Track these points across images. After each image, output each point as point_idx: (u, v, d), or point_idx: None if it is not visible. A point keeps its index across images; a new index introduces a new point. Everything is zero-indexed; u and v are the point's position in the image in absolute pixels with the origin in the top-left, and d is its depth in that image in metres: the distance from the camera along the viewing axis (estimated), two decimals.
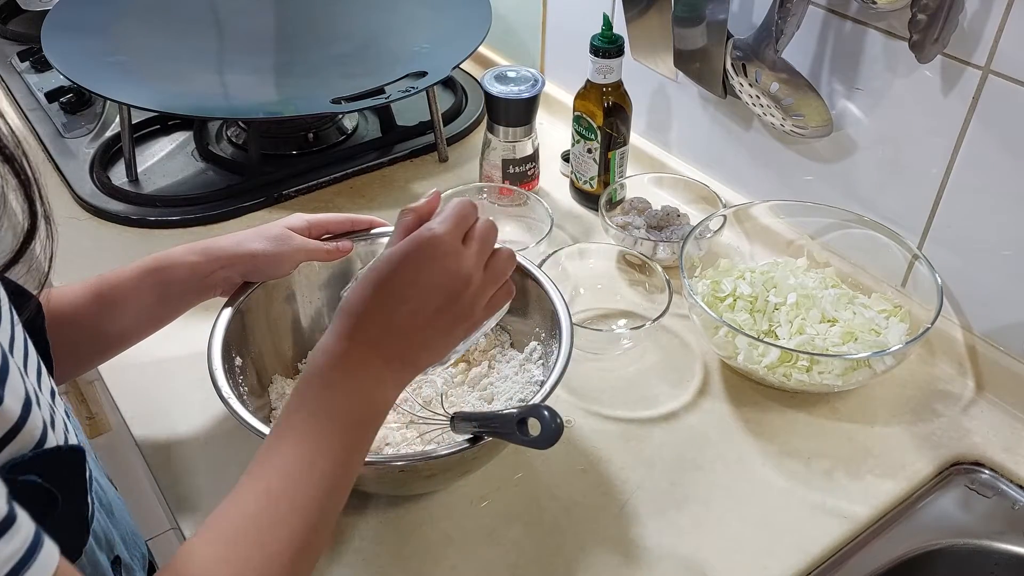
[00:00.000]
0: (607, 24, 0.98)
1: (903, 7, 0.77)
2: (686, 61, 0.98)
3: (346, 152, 1.18)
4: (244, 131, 1.17)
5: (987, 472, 0.79)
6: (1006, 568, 0.74)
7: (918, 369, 0.88)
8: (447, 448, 0.66)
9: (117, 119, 1.20)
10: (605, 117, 1.01)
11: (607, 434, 0.81)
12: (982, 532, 0.75)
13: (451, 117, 1.26)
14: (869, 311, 0.87)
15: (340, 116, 1.22)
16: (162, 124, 1.23)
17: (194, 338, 0.75)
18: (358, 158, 1.17)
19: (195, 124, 1.21)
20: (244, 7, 1.28)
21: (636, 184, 1.07)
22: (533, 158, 1.09)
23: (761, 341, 0.81)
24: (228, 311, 0.76)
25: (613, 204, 1.05)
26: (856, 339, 0.84)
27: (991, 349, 0.85)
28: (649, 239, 0.98)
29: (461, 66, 1.12)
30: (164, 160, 1.17)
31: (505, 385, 0.80)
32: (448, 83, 1.32)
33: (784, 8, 0.82)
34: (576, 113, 1.04)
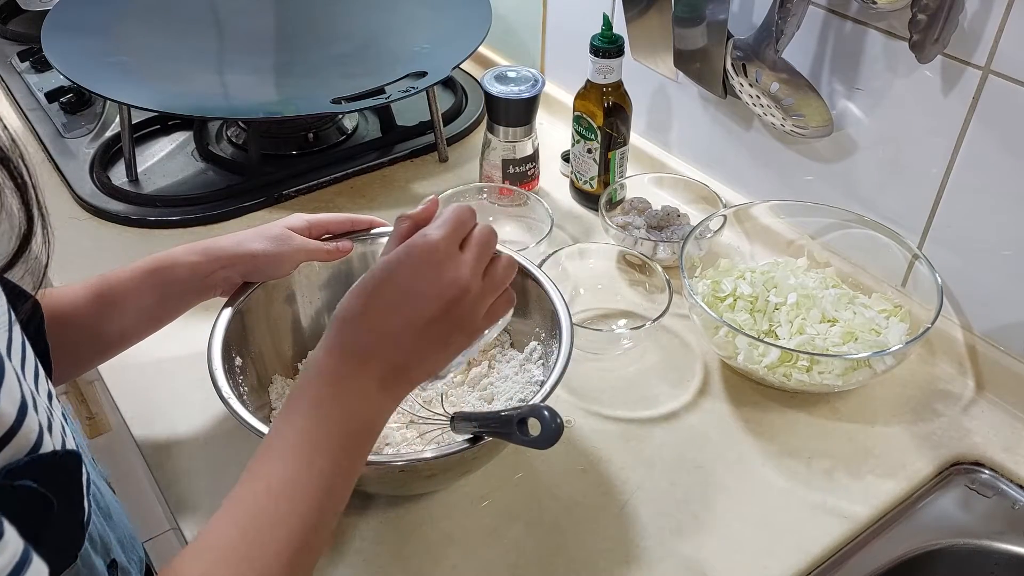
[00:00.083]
0: (607, 24, 0.98)
1: (903, 7, 0.77)
2: (686, 61, 0.98)
3: (346, 152, 1.18)
4: (244, 131, 1.17)
5: (987, 472, 0.79)
6: (1006, 568, 0.74)
7: (918, 369, 0.88)
8: (447, 448, 0.66)
9: (117, 119, 1.20)
10: (605, 117, 1.01)
11: (607, 434, 0.81)
12: (982, 532, 0.75)
13: (451, 117, 1.26)
14: (869, 311, 0.87)
15: (340, 116, 1.22)
16: (162, 124, 1.23)
17: (194, 338, 0.75)
18: (358, 158, 1.17)
19: (195, 124, 1.21)
20: (244, 7, 1.28)
21: (636, 184, 1.07)
22: (533, 158, 1.09)
23: (761, 341, 0.81)
24: (228, 311, 0.76)
25: (613, 204, 1.05)
26: (856, 339, 0.84)
27: (991, 349, 0.85)
28: (649, 239, 0.98)
29: (461, 66, 1.12)
30: (164, 160, 1.17)
31: (505, 385, 0.80)
32: (448, 83, 1.32)
33: (784, 8, 0.82)
34: (576, 113, 1.04)
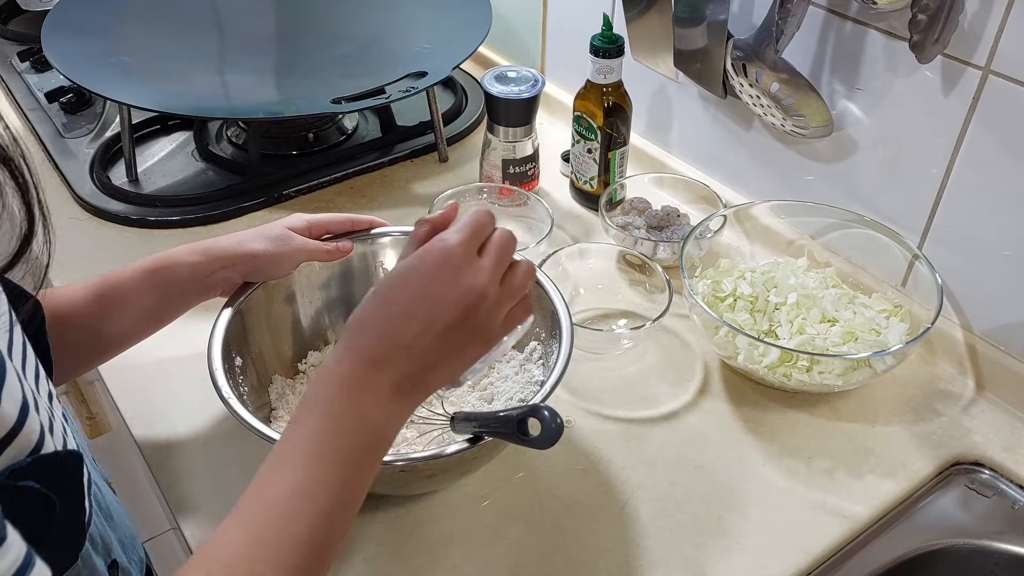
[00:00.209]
0: (607, 24, 0.98)
1: (903, 7, 0.77)
2: (686, 61, 0.98)
3: (346, 152, 1.18)
4: (244, 131, 1.17)
5: (987, 472, 0.79)
6: (1006, 568, 0.74)
7: (918, 369, 0.88)
8: (447, 448, 0.66)
9: (117, 119, 1.20)
10: (605, 117, 1.01)
11: (607, 434, 0.81)
12: (982, 532, 0.75)
13: (451, 117, 1.26)
14: (869, 311, 0.87)
15: (340, 116, 1.22)
16: (162, 124, 1.23)
17: (194, 338, 0.75)
18: (358, 158, 1.17)
19: (195, 124, 1.21)
20: (244, 7, 1.28)
21: (636, 184, 1.07)
22: (533, 158, 1.09)
23: (761, 341, 0.81)
24: (228, 311, 0.76)
25: (613, 204, 1.05)
26: (856, 339, 0.84)
27: (991, 349, 0.85)
28: (649, 239, 0.98)
29: (461, 66, 1.12)
30: (164, 160, 1.17)
31: (505, 385, 0.80)
32: (448, 83, 1.32)
33: (784, 8, 0.82)
34: (576, 113, 1.04)
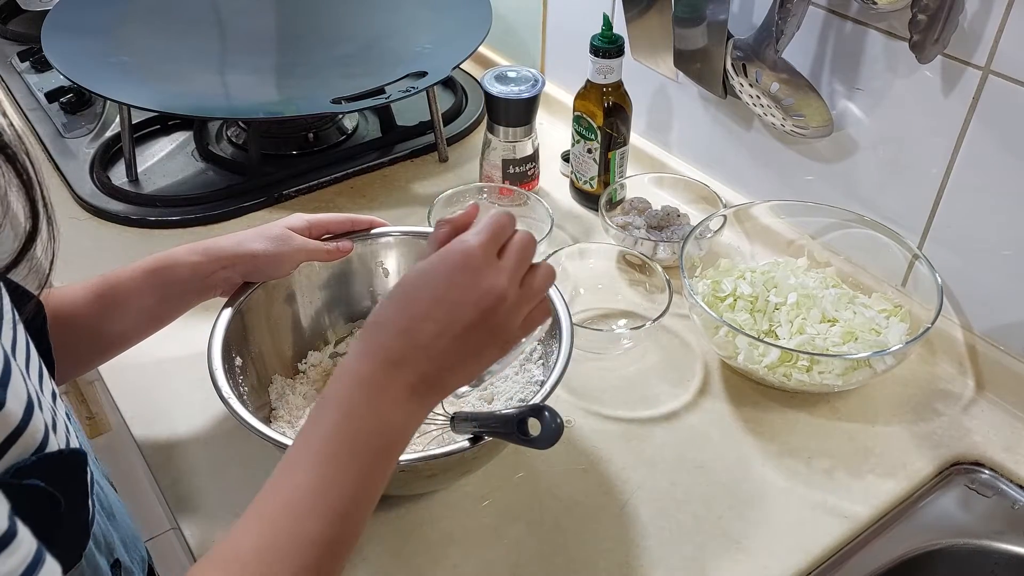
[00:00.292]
0: (607, 24, 0.98)
1: (903, 7, 0.77)
2: (686, 61, 0.98)
3: (346, 152, 1.18)
4: (244, 131, 1.17)
5: (987, 472, 0.79)
6: (1006, 568, 0.74)
7: (918, 369, 0.88)
8: (447, 448, 0.66)
9: (117, 119, 1.20)
10: (605, 117, 1.01)
11: (608, 434, 0.81)
12: (982, 532, 0.75)
13: (451, 117, 1.26)
14: (869, 311, 0.87)
15: (340, 116, 1.22)
16: (162, 124, 1.23)
17: (194, 338, 0.75)
18: (358, 158, 1.17)
19: (195, 124, 1.21)
20: (245, 7, 1.28)
21: (636, 184, 1.07)
22: (533, 158, 1.09)
23: (761, 341, 0.81)
24: (228, 311, 0.76)
25: (613, 204, 1.05)
26: (856, 339, 0.84)
27: (991, 348, 0.85)
28: (649, 239, 0.98)
29: (461, 66, 1.12)
30: (164, 160, 1.17)
31: (505, 385, 0.80)
32: (448, 83, 1.32)
33: (784, 8, 0.82)
34: (576, 113, 1.04)
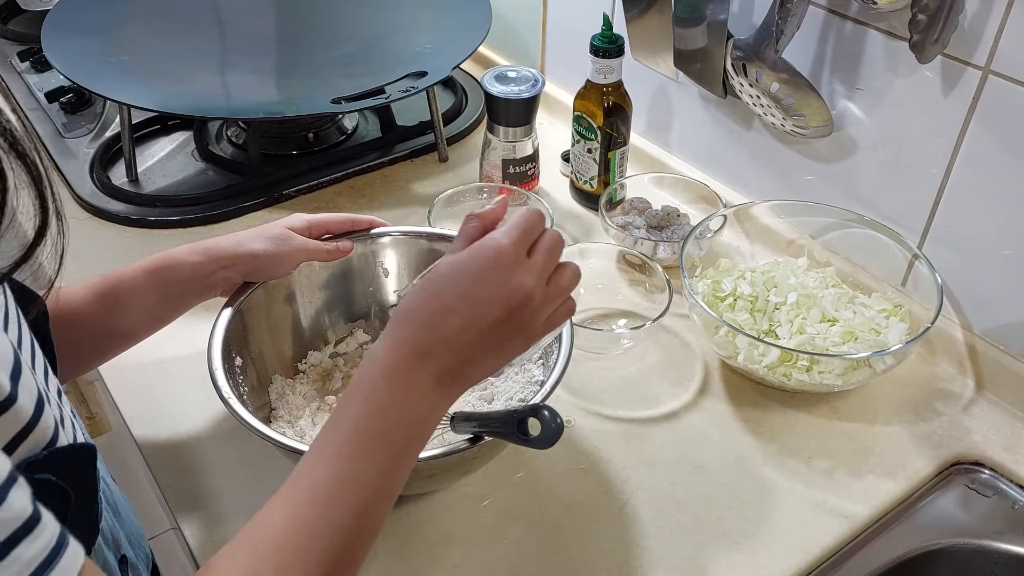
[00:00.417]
0: (607, 24, 0.98)
1: (903, 7, 0.77)
2: (686, 61, 0.98)
3: (346, 152, 1.18)
4: (244, 131, 1.17)
5: (987, 472, 0.79)
6: (1006, 568, 0.74)
7: (918, 368, 0.88)
8: (447, 448, 0.66)
9: (117, 119, 1.20)
10: (605, 117, 1.01)
11: (608, 434, 0.81)
12: (982, 532, 0.75)
13: (451, 117, 1.26)
14: (869, 310, 0.87)
15: (340, 116, 1.22)
16: (162, 124, 1.23)
17: (194, 338, 0.75)
18: (358, 158, 1.17)
19: (195, 124, 1.21)
20: (245, 8, 1.28)
21: (636, 184, 1.07)
22: (533, 158, 1.10)
23: (761, 341, 0.81)
24: (228, 311, 0.76)
25: (613, 204, 1.05)
26: (856, 339, 0.84)
27: (991, 348, 0.85)
28: (649, 239, 0.98)
29: (461, 66, 1.12)
30: (164, 160, 1.17)
31: (505, 385, 0.80)
32: (448, 83, 1.32)
33: (784, 8, 0.82)
34: (576, 113, 1.04)
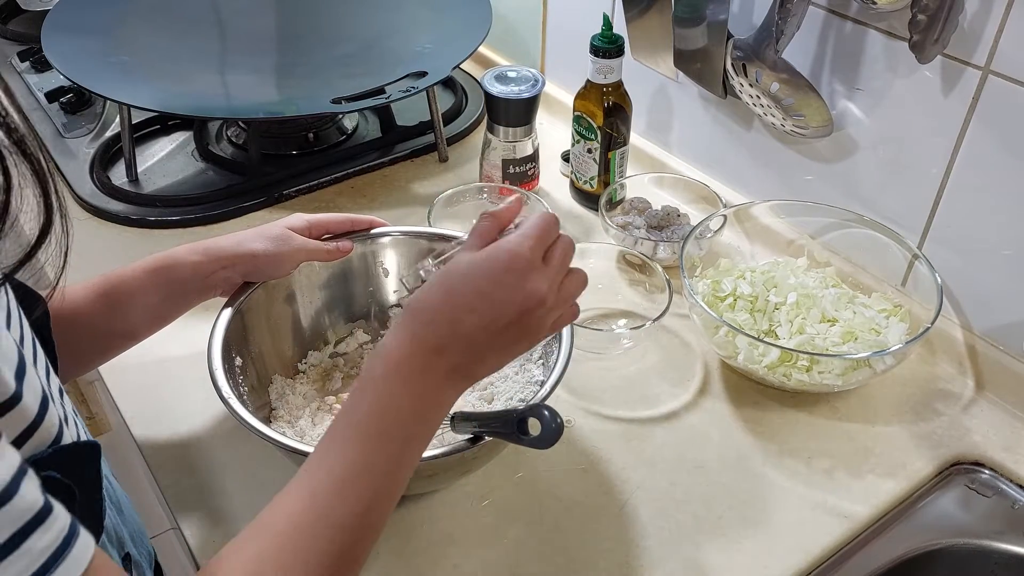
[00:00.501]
0: (607, 24, 0.98)
1: (903, 7, 0.77)
2: (686, 61, 0.98)
3: (346, 152, 1.18)
4: (244, 131, 1.17)
5: (987, 472, 0.80)
6: (1006, 568, 0.74)
7: (918, 368, 0.88)
8: (447, 448, 0.66)
9: (117, 119, 1.20)
10: (605, 117, 1.01)
11: (608, 434, 0.81)
12: (982, 532, 0.75)
13: (451, 117, 1.26)
14: (869, 311, 0.87)
15: (340, 116, 1.22)
16: (162, 124, 1.23)
17: (194, 338, 0.75)
18: (358, 158, 1.17)
19: (195, 124, 1.21)
20: (245, 7, 1.28)
21: (636, 184, 1.07)
22: (533, 158, 1.10)
23: (761, 341, 0.81)
24: (228, 311, 0.76)
25: (613, 204, 1.05)
26: (856, 339, 0.84)
27: (991, 348, 0.85)
28: (649, 239, 0.98)
29: (461, 66, 1.12)
30: (164, 160, 1.17)
31: (505, 385, 0.80)
32: (448, 83, 1.32)
33: (784, 8, 0.82)
34: (576, 113, 1.04)
